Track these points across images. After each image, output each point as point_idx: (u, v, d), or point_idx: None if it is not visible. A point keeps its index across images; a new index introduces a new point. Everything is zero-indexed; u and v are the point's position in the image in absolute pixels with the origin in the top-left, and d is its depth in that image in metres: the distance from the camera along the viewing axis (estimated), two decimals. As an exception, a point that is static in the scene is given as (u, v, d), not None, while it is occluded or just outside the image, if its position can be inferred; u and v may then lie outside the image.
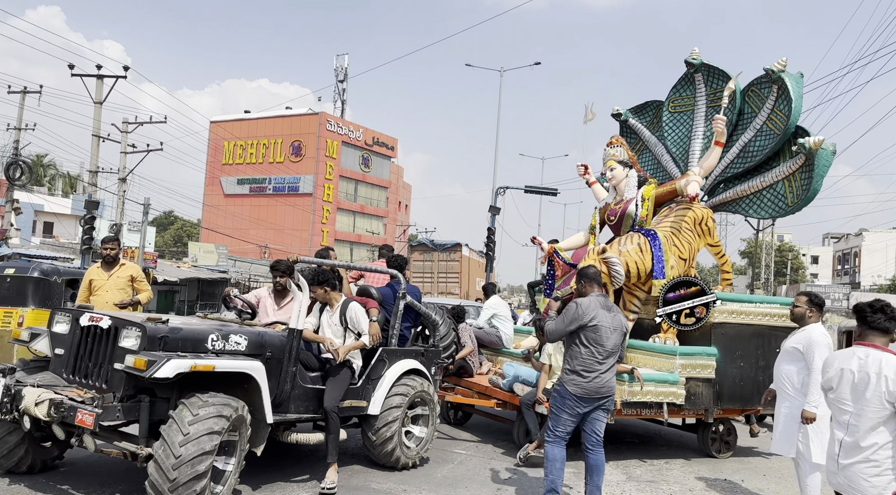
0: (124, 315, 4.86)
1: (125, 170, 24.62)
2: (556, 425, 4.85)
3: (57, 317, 4.81)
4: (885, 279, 51.58)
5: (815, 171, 7.60)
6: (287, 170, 56.75)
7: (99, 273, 6.58)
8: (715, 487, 6.19)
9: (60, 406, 3.99)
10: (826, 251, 68.07)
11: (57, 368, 4.63)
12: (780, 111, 8.05)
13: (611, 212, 8.27)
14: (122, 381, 4.25)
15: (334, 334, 5.51)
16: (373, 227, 60.63)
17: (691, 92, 9.13)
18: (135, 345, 4.27)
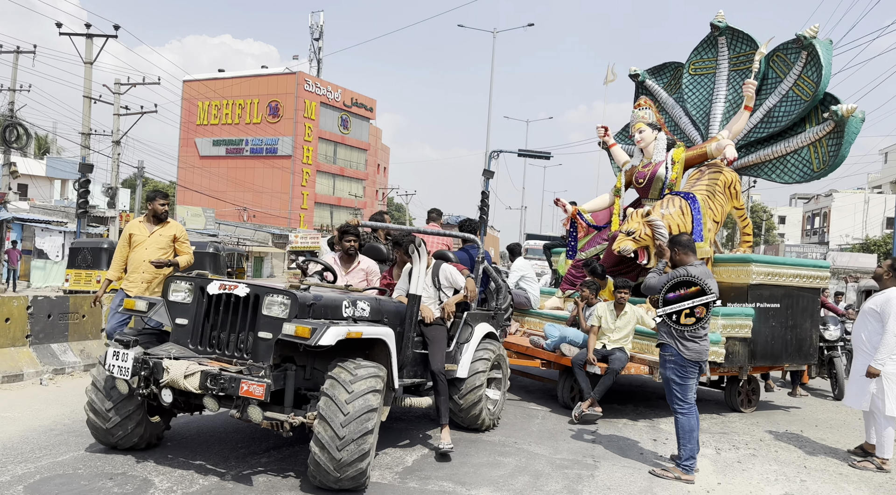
0: (263, 283, 4.58)
1: (119, 132, 24.14)
2: (686, 393, 5.18)
3: (174, 285, 4.50)
4: (853, 239, 53.02)
5: (845, 138, 7.80)
6: (264, 131, 55.79)
7: (140, 228, 6.14)
8: (782, 438, 6.74)
9: (219, 377, 3.86)
10: (794, 211, 69.46)
11: (180, 338, 4.39)
12: (809, 78, 8.18)
13: (639, 174, 8.26)
14: (269, 350, 4.10)
15: (428, 297, 5.41)
16: (353, 190, 60.27)
17: (713, 55, 9.15)
18: (283, 312, 4.11)
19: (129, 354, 4.01)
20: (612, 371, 6.65)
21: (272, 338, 4.09)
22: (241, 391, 3.81)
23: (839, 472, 5.65)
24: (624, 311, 7.01)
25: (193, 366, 3.92)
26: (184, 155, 57.82)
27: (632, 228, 7.29)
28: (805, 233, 64.19)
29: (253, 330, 4.21)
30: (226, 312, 4.31)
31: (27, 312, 6.60)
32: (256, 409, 3.87)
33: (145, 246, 6.03)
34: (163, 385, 3.93)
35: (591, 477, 4.97)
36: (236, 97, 56.72)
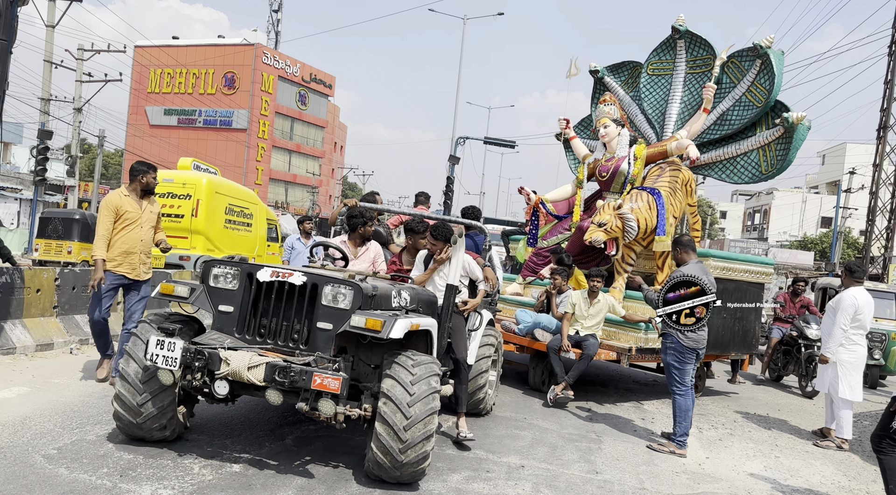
0: (320, 271, 4.38)
1: (81, 99, 23.53)
2: (684, 377, 5.71)
3: (216, 270, 4.21)
4: (790, 236, 55.47)
5: (793, 144, 8.31)
6: (219, 102, 54.61)
7: (132, 204, 5.59)
8: (753, 420, 7.44)
9: (288, 370, 3.67)
10: (734, 207, 71.95)
11: (225, 326, 4.14)
12: (761, 85, 8.56)
13: (602, 168, 8.52)
14: (329, 341, 3.96)
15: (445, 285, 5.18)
16: (310, 168, 59.73)
17: (671, 57, 9.41)
18: (346, 303, 3.97)
19: (176, 343, 3.76)
20: (587, 356, 6.89)
21: (332, 329, 3.96)
22: (314, 384, 3.63)
23: (806, 450, 6.35)
24: (597, 299, 7.24)
25: (256, 357, 3.75)
26: (133, 122, 56.15)
27: (603, 220, 7.54)
28: (746, 228, 66.74)
29: (310, 320, 4.03)
30: (278, 301, 4.10)
31: (55, 284, 6.71)
32: (329, 403, 3.69)
33: (140, 224, 5.59)
34: (220, 376, 3.74)
35: (598, 449, 5.48)
36: (190, 66, 55.25)
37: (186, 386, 3.89)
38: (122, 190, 5.64)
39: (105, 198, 5.67)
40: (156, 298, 4.35)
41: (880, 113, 20.70)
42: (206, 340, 3.98)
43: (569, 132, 9.53)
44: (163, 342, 3.78)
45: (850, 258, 39.45)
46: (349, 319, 3.86)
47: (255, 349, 3.90)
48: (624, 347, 7.16)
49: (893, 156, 21.73)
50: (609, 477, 4.79)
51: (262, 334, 4.12)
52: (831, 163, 56.71)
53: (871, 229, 21.90)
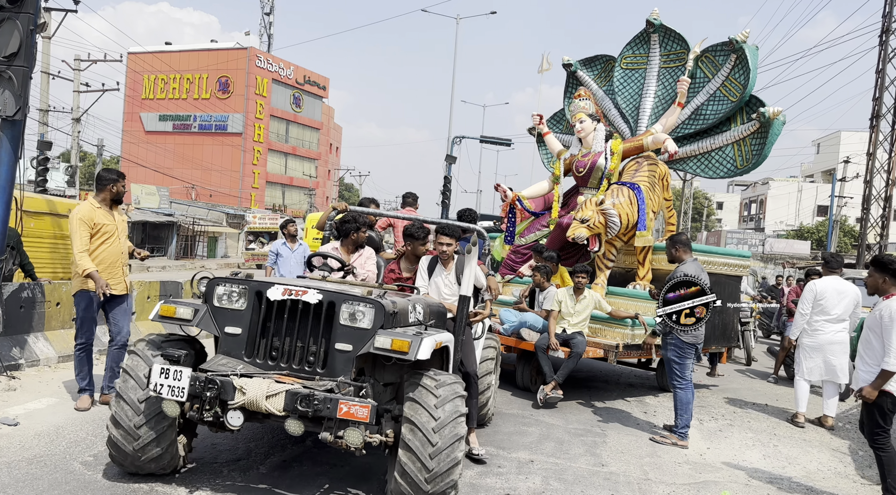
0: (338, 287, 4.02)
1: (79, 109, 23.69)
2: (684, 371, 5.93)
3: (220, 288, 3.87)
4: (787, 226, 55.73)
5: (769, 139, 8.31)
6: (214, 107, 54.77)
7: (106, 216, 5.23)
8: (751, 410, 7.68)
9: (312, 398, 3.41)
10: (731, 198, 72.18)
11: (233, 350, 3.81)
12: (736, 80, 8.50)
13: (579, 163, 8.46)
14: (348, 363, 3.69)
15: (452, 294, 5.09)
16: (306, 170, 59.91)
17: (645, 51, 9.37)
18: (367, 322, 3.70)
19: (182, 372, 3.45)
20: (577, 355, 6.78)
21: (352, 350, 3.69)
22: (340, 413, 3.38)
23: (803, 439, 6.57)
24: (583, 296, 7.14)
25: (274, 384, 3.49)
26: (128, 129, 56.25)
27: (586, 216, 7.47)
28: (742, 219, 66.99)
29: (327, 340, 3.75)
30: (291, 320, 3.80)
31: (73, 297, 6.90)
32: (357, 432, 3.43)
33: (118, 236, 5.29)
34: (234, 407, 3.46)
35: (604, 443, 5.71)
36: (184, 71, 55.40)
37: (194, 417, 3.58)
38: (91, 201, 5.26)
39: (76, 210, 5.19)
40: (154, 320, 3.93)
41: (872, 102, 20.94)
42: (214, 367, 3.66)
43: (542, 127, 9.46)
44: (167, 370, 3.47)
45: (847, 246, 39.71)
46: (372, 340, 3.62)
47: (269, 375, 3.63)
48: (611, 344, 7.10)
49: (886, 145, 21.96)
50: (615, 469, 5.01)
51: (273, 357, 3.81)
52: (826, 152, 56.95)
53: (866, 217, 22.14)
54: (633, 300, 7.72)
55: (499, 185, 9.02)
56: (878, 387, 4.40)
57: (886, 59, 20.81)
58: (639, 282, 7.96)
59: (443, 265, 5.13)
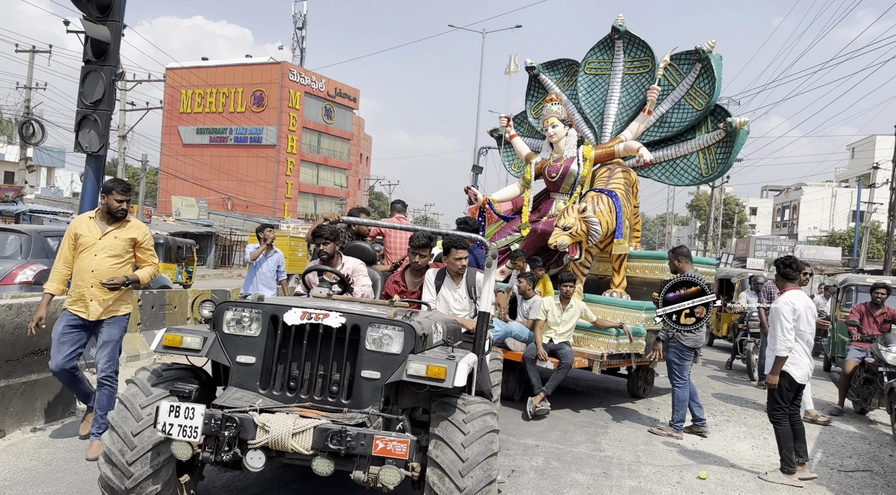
0: (361, 309, 3.74)
1: (125, 127, 25.06)
2: (683, 371, 6.44)
3: (230, 313, 3.54)
4: (821, 231, 55.18)
5: (734, 148, 8.28)
6: (248, 120, 56.46)
7: (90, 227, 4.62)
8: (750, 407, 8.20)
9: (344, 434, 3.11)
10: (764, 203, 71.48)
11: (246, 381, 3.48)
12: (701, 89, 8.55)
13: (551, 168, 8.36)
14: (375, 392, 3.41)
15: (462, 309, 4.94)
16: (337, 180, 61.26)
17: (609, 57, 9.31)
18: (396, 347, 3.44)
19: (195, 409, 3.15)
20: (566, 366, 6.72)
21: (380, 378, 3.41)
22: (376, 450, 3.10)
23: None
24: (570, 305, 7.08)
25: (300, 420, 3.19)
26: (167, 143, 58.22)
27: (568, 223, 7.36)
28: (776, 224, 66.41)
29: (351, 368, 3.48)
30: (310, 347, 3.51)
31: (139, 304, 7.85)
32: (394, 471, 3.13)
33: (94, 251, 4.58)
34: (255, 446, 3.16)
35: (605, 433, 6.38)
36: (220, 86, 57.24)
37: (208, 460, 3.26)
38: (90, 212, 4.82)
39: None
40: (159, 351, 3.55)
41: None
42: (229, 402, 3.32)
43: (510, 130, 9.35)
44: (178, 408, 3.14)
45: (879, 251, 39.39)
46: (402, 366, 3.36)
47: (290, 408, 3.33)
48: (596, 354, 7.04)
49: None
50: (611, 453, 5.68)
51: (292, 388, 3.51)
52: (860, 157, 56.35)
53: (893, 224, 22.32)
54: (611, 308, 7.67)
55: (469, 188, 8.94)
56: (776, 373, 5.22)
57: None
58: (615, 290, 7.95)
59: (452, 278, 4.96)
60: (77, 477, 4.16)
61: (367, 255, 5.54)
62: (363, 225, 5.94)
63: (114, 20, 5.77)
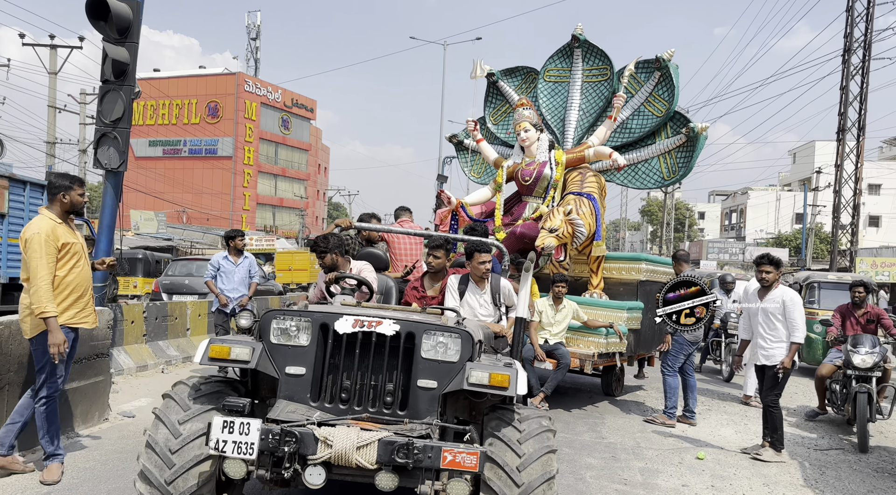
0: (415, 316, 3.66)
1: (85, 141, 24.73)
2: (675, 363, 6.93)
3: (278, 322, 3.40)
4: (767, 233, 57.31)
5: (695, 152, 8.53)
6: (203, 131, 55.79)
7: (68, 233, 4.22)
8: (727, 400, 8.72)
9: (410, 447, 2.98)
10: (712, 207, 73.71)
11: (297, 393, 3.35)
12: (660, 96, 8.79)
13: (524, 172, 8.43)
14: (432, 402, 3.32)
15: (487, 314, 4.91)
16: (296, 191, 60.98)
17: (568, 65, 9.46)
18: (453, 354, 3.35)
19: (251, 425, 3.02)
20: (564, 366, 6.89)
21: (437, 387, 3.33)
22: (444, 462, 2.99)
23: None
24: (563, 305, 7.23)
25: (364, 433, 3.06)
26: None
27: (555, 226, 7.41)
28: (724, 228, 68.60)
29: (406, 377, 3.38)
30: (363, 356, 3.40)
31: (143, 316, 7.99)
32: (462, 484, 3.03)
33: (85, 257, 4.32)
34: (315, 462, 3.01)
35: (602, 423, 6.82)
36: (173, 97, 56.43)
37: (263, 478, 3.11)
38: (48, 214, 4.17)
39: (34, 228, 4.06)
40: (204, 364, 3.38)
41: (838, 117, 22.38)
42: (283, 415, 3.19)
43: (476, 134, 9.41)
44: (232, 423, 3.02)
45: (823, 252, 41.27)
46: (459, 374, 3.30)
47: (346, 420, 3.19)
48: (587, 353, 7.20)
49: (853, 157, 23.42)
50: (613, 440, 6.14)
51: (344, 400, 3.39)
52: (802, 162, 58.79)
53: (837, 225, 23.53)
54: (593, 308, 7.81)
55: (442, 192, 8.95)
56: (792, 358, 5.71)
57: (849, 76, 22.25)
58: (594, 291, 8.09)
59: (476, 284, 4.94)
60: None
61: (380, 262, 5.49)
62: (374, 230, 5.92)
63: (132, 42, 5.98)
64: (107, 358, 5.55)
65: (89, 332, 5.06)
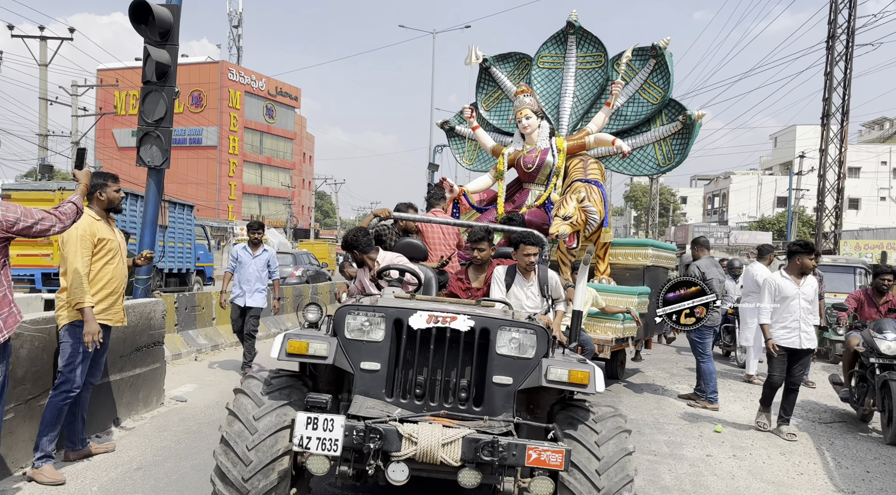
0: (488, 312, 3.63)
1: (78, 133, 24.68)
2: (705, 348, 7.22)
3: (351, 318, 3.42)
4: (749, 217, 58.18)
5: (690, 139, 8.60)
6: (187, 121, 55.36)
7: (106, 230, 4.41)
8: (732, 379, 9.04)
9: (495, 445, 3.00)
10: (694, 192, 74.39)
11: (372, 389, 3.38)
12: (656, 84, 8.82)
13: (526, 159, 8.38)
14: (508, 398, 3.34)
15: (534, 306, 4.85)
16: (282, 180, 60.87)
17: (562, 51, 9.42)
18: (530, 351, 3.37)
19: (334, 421, 3.04)
20: (589, 352, 6.86)
21: (512, 384, 3.34)
22: (529, 460, 3.02)
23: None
24: None
25: (448, 430, 3.08)
26: (100, 146, 56.52)
27: (568, 213, 7.36)
28: (706, 212, 69.44)
29: (481, 373, 3.39)
30: (437, 351, 3.41)
31: (174, 306, 8.25)
32: (547, 482, 3.05)
33: (121, 254, 4.51)
34: (399, 459, 3.03)
35: (619, 401, 7.22)
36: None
37: (346, 474, 3.14)
38: (89, 212, 4.34)
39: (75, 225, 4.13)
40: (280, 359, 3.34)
41: (823, 102, 22.90)
42: (363, 411, 3.23)
43: (473, 121, 9.25)
44: (316, 420, 3.05)
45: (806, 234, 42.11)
46: (537, 371, 3.31)
47: (424, 417, 3.23)
48: (606, 339, 7.26)
49: (837, 141, 24.00)
50: (634, 417, 6.51)
51: (418, 395, 3.42)
52: (783, 146, 59.61)
53: (821, 209, 24.16)
54: (604, 294, 7.82)
55: (444, 179, 8.74)
56: None
57: (833, 62, 22.71)
58: (602, 277, 8.17)
59: (523, 275, 4.91)
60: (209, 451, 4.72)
61: (417, 252, 5.54)
62: (411, 220, 5.92)
63: (172, 44, 6.21)
64: (162, 346, 5.83)
65: (148, 322, 5.35)
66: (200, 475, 4.26)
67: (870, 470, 5.34)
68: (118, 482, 4.17)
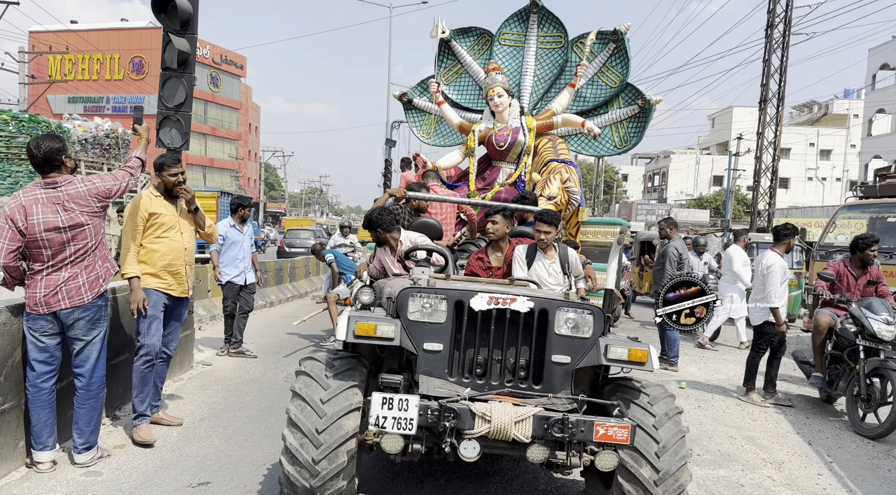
0: (546, 293, 3.84)
1: (25, 101, 24.04)
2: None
3: (415, 300, 3.48)
4: (686, 195, 60.40)
5: (646, 122, 8.94)
6: (128, 88, 53.79)
7: (164, 205, 4.64)
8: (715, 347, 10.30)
9: (565, 422, 3.14)
10: (635, 170, 76.18)
11: (435, 369, 3.47)
12: (614, 68, 9.08)
13: (497, 137, 8.33)
14: (566, 377, 3.46)
15: (556, 283, 4.89)
16: (228, 151, 59.84)
17: (523, 29, 9.49)
18: (588, 331, 3.46)
19: (409, 401, 3.12)
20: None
21: (570, 362, 3.46)
22: (597, 436, 3.15)
23: (723, 358, 9.19)
24: None
25: (519, 409, 3.21)
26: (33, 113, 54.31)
27: (553, 194, 7.48)
28: (646, 190, 71.52)
29: (540, 352, 3.50)
30: (498, 332, 3.52)
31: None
32: (613, 456, 3.19)
33: (180, 229, 4.70)
34: (472, 436, 3.15)
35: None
36: (94, 51, 53.98)
37: (419, 452, 3.29)
38: (151, 190, 4.68)
39: (132, 200, 4.67)
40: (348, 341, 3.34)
41: (760, 88, 24.24)
42: (432, 391, 3.39)
43: (438, 96, 9.16)
44: (391, 400, 3.12)
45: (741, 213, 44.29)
46: (594, 349, 3.43)
47: (491, 396, 3.36)
48: None
49: (773, 125, 25.48)
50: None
51: (479, 375, 3.51)
52: (720, 127, 61.85)
53: (757, 188, 25.68)
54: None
55: (417, 155, 8.82)
56: None
57: (771, 49, 24.01)
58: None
59: (543, 253, 4.96)
60: (266, 401, 5.47)
61: (434, 231, 5.67)
62: (425, 199, 5.98)
63: (192, 34, 6.61)
64: (192, 314, 6.34)
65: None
66: (260, 423, 4.99)
67: (809, 416, 6.35)
68: (192, 429, 4.82)
